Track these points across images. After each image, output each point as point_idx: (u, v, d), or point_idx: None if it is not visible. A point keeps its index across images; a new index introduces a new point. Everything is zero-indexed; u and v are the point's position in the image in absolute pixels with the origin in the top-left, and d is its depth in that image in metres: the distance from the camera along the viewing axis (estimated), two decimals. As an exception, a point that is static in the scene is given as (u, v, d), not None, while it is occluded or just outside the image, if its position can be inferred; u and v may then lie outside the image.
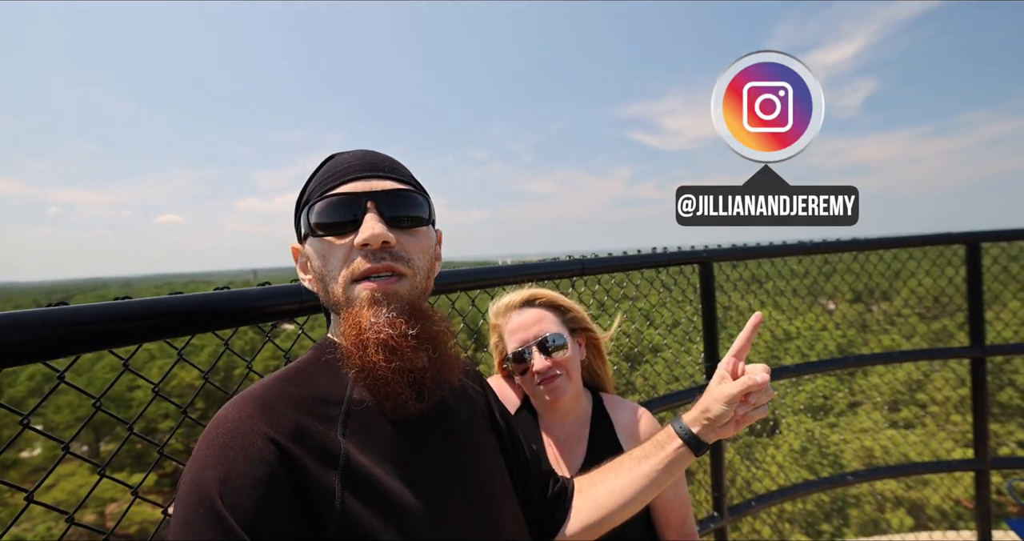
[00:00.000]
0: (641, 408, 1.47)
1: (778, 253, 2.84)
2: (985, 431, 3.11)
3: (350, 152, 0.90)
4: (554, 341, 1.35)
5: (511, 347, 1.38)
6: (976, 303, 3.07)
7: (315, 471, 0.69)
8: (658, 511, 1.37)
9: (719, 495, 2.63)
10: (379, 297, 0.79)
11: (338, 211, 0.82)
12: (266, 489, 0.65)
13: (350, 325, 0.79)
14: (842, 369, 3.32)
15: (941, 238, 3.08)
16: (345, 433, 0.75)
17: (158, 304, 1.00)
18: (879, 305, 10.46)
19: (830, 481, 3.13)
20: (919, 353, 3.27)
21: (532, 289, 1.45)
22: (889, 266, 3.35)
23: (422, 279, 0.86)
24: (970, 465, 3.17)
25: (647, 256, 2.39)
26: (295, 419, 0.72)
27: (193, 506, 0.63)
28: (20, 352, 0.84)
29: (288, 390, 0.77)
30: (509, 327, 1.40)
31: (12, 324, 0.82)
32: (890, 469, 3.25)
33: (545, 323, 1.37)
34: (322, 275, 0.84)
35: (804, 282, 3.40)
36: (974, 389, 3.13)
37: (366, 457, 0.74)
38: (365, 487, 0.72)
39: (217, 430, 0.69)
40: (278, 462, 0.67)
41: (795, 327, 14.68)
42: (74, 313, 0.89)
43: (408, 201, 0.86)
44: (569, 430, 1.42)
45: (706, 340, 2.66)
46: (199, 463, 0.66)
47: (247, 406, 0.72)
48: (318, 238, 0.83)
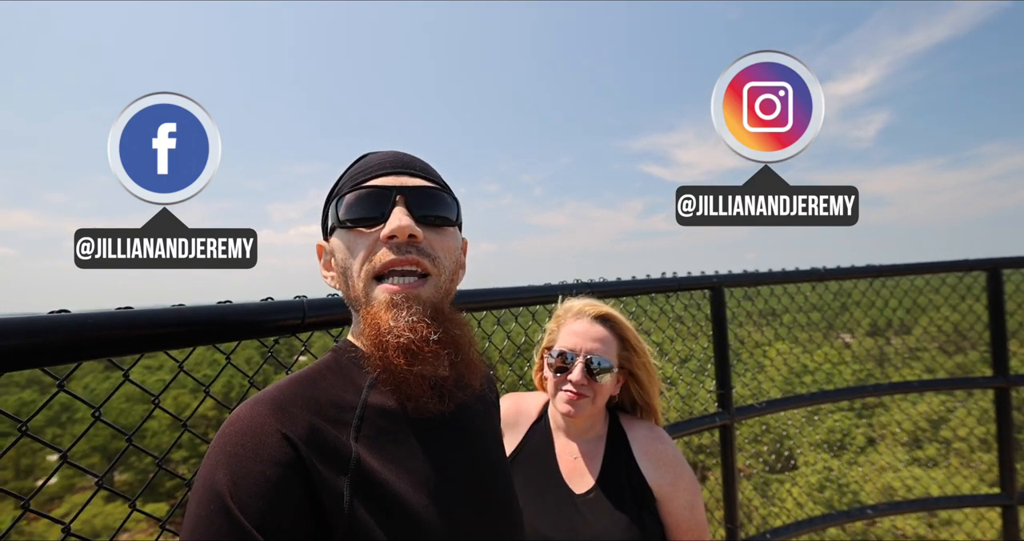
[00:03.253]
0: (658, 428, 1.45)
1: (790, 279, 2.81)
2: (1012, 464, 3.00)
3: (383, 151, 0.91)
4: (600, 364, 1.35)
5: (562, 344, 1.38)
6: (999, 330, 3.00)
7: (325, 474, 0.69)
8: (673, 533, 1.34)
9: (732, 526, 2.56)
10: (399, 300, 0.78)
11: (367, 203, 0.82)
12: (277, 490, 0.64)
13: (369, 325, 0.79)
14: (861, 399, 3.23)
15: (960, 265, 3.04)
16: (358, 438, 0.75)
17: (159, 314, 1.01)
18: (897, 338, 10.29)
19: (848, 514, 3.02)
20: (941, 382, 3.19)
21: (612, 309, 1.45)
22: (906, 295, 3.30)
23: (446, 280, 0.85)
24: (996, 500, 3.05)
25: (657, 281, 2.37)
26: (308, 421, 0.72)
27: (205, 504, 0.63)
28: (20, 356, 0.84)
29: (302, 393, 0.76)
30: (572, 327, 1.40)
31: (13, 329, 0.83)
32: (911, 503, 3.14)
33: (604, 346, 1.37)
34: (345, 268, 0.83)
35: (820, 315, 3.35)
36: (999, 420, 3.03)
37: (377, 462, 0.74)
38: (374, 492, 0.71)
39: (229, 429, 0.69)
40: (290, 462, 0.67)
41: (813, 361, 14.47)
42: (75, 320, 0.89)
43: (437, 200, 0.85)
44: (583, 448, 1.41)
45: (718, 367, 2.62)
46: (211, 462, 0.66)
47: (260, 406, 0.72)
48: (345, 230, 0.83)
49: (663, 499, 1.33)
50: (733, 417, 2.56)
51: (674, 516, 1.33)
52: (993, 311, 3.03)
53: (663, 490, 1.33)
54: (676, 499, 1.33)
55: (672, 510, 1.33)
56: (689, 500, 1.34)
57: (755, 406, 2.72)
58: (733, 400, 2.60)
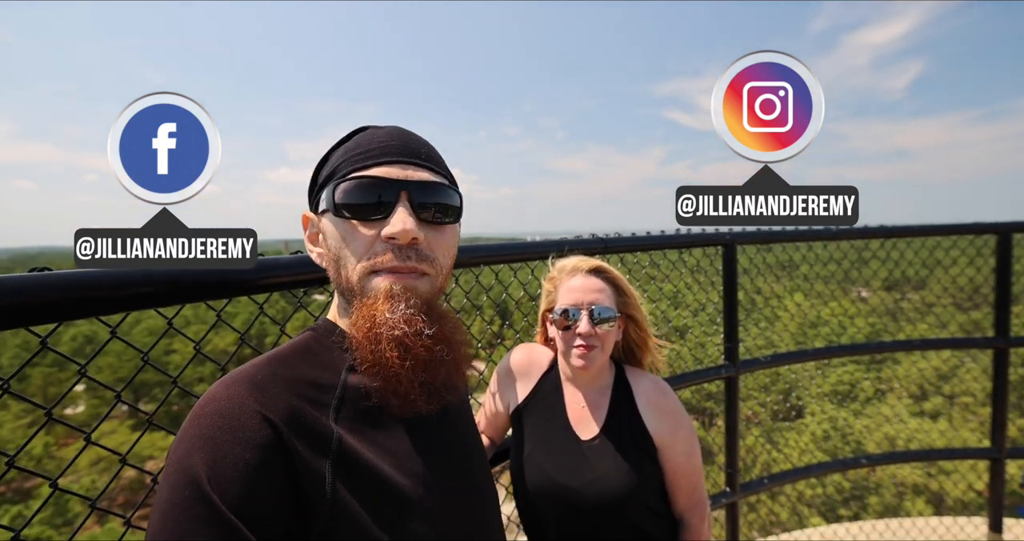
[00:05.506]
0: (661, 380, 1.53)
1: (803, 237, 2.83)
2: (1003, 420, 3.12)
3: (384, 129, 0.86)
4: (602, 314, 1.40)
5: (563, 302, 1.44)
6: (1004, 293, 3.05)
7: (306, 456, 0.67)
8: (670, 477, 1.44)
9: (732, 472, 2.69)
10: (397, 291, 0.76)
11: (368, 195, 0.78)
12: (257, 474, 0.62)
13: (363, 316, 0.76)
14: (867, 355, 3.32)
15: (971, 228, 3.04)
16: (338, 419, 0.73)
17: (133, 275, 1.04)
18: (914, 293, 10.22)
19: (844, 463, 3.16)
20: (942, 342, 3.25)
21: (601, 262, 1.51)
22: (917, 254, 3.33)
23: (442, 279, 0.84)
24: (985, 453, 3.18)
25: (670, 237, 2.40)
26: (287, 401, 0.69)
27: (180, 488, 0.59)
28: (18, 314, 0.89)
29: (280, 371, 0.74)
30: (569, 284, 1.45)
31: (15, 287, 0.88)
32: (905, 454, 3.27)
33: (602, 295, 1.43)
34: (339, 257, 0.80)
35: (836, 268, 3.38)
36: (995, 379, 3.13)
37: (359, 444, 0.72)
38: (357, 474, 0.70)
39: (205, 409, 0.66)
40: (270, 444, 0.64)
41: (826, 312, 14.44)
42: (90, 277, 0.96)
43: (442, 195, 0.82)
44: (590, 398, 1.48)
45: (726, 322, 2.69)
46: (187, 444, 0.63)
47: (237, 386, 0.69)
48: (341, 219, 0.79)
49: (663, 447, 1.42)
50: (739, 370, 2.65)
51: (672, 462, 1.42)
52: (1000, 274, 3.06)
53: (663, 439, 1.42)
54: (675, 447, 1.42)
55: (671, 457, 1.42)
56: (687, 448, 1.43)
57: (760, 360, 2.80)
58: (741, 352, 2.69)
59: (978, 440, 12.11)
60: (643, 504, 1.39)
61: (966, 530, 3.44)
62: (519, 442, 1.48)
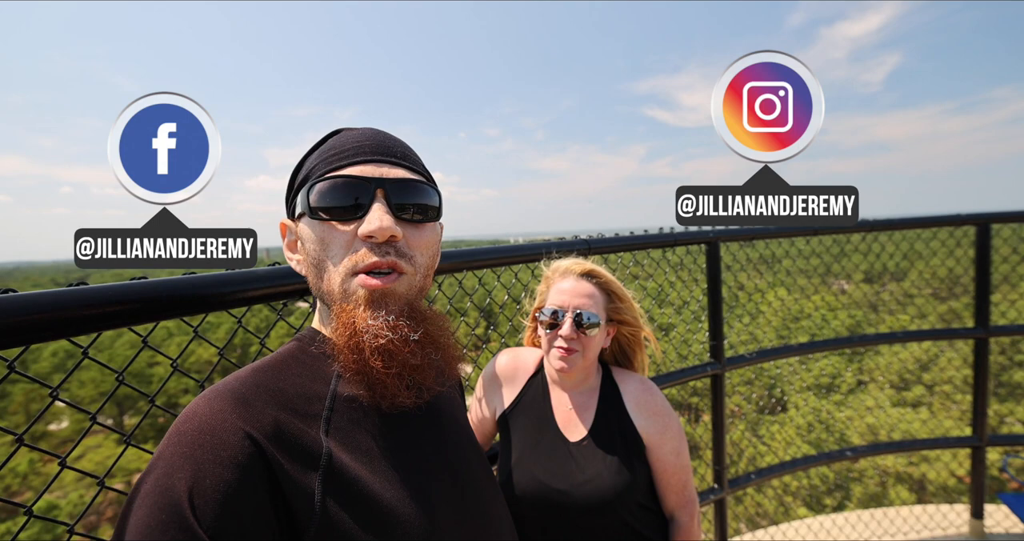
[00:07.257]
0: (648, 380, 1.53)
1: (786, 234, 2.86)
2: (984, 409, 3.17)
3: (358, 130, 0.84)
4: (589, 319, 1.41)
5: (552, 302, 1.45)
6: (983, 284, 3.10)
7: (293, 472, 0.64)
8: (660, 476, 1.44)
9: (719, 468, 2.72)
10: (377, 297, 0.74)
11: (344, 195, 0.76)
12: (239, 496, 0.59)
13: (343, 323, 0.74)
14: (849, 348, 3.36)
15: (951, 219, 3.08)
16: (328, 431, 0.71)
17: (171, 283, 1.01)
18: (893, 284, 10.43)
19: (828, 456, 3.19)
20: (924, 334, 3.30)
21: (596, 266, 1.50)
22: (898, 247, 3.39)
23: (421, 278, 0.81)
24: (967, 442, 3.23)
25: (653, 236, 2.41)
26: (274, 416, 0.67)
27: (157, 511, 0.56)
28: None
29: (266, 383, 0.71)
30: (560, 286, 1.46)
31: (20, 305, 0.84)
32: (889, 445, 3.31)
33: (590, 301, 1.43)
34: (318, 260, 0.78)
35: (816, 262, 3.43)
36: (976, 369, 3.18)
37: (350, 457, 0.70)
38: (347, 488, 0.67)
39: (186, 426, 0.63)
40: (253, 462, 0.62)
41: (809, 306, 14.63)
42: (88, 293, 0.92)
43: (419, 193, 0.80)
44: (577, 399, 1.49)
45: (711, 319, 2.71)
46: (166, 462, 0.60)
47: (220, 400, 0.66)
48: (318, 221, 0.77)
49: (652, 446, 1.43)
50: (724, 367, 2.68)
51: (662, 461, 1.43)
52: (980, 265, 3.11)
53: (652, 438, 1.43)
54: (664, 446, 1.43)
55: (660, 455, 1.43)
56: (675, 447, 1.44)
57: (746, 356, 2.82)
58: (725, 348, 2.71)
59: (959, 428, 12.34)
60: (633, 504, 1.40)
61: (948, 518, 3.50)
62: (507, 447, 1.47)
